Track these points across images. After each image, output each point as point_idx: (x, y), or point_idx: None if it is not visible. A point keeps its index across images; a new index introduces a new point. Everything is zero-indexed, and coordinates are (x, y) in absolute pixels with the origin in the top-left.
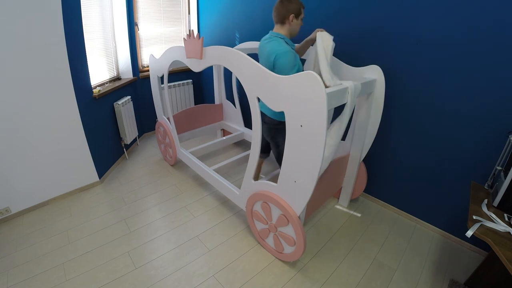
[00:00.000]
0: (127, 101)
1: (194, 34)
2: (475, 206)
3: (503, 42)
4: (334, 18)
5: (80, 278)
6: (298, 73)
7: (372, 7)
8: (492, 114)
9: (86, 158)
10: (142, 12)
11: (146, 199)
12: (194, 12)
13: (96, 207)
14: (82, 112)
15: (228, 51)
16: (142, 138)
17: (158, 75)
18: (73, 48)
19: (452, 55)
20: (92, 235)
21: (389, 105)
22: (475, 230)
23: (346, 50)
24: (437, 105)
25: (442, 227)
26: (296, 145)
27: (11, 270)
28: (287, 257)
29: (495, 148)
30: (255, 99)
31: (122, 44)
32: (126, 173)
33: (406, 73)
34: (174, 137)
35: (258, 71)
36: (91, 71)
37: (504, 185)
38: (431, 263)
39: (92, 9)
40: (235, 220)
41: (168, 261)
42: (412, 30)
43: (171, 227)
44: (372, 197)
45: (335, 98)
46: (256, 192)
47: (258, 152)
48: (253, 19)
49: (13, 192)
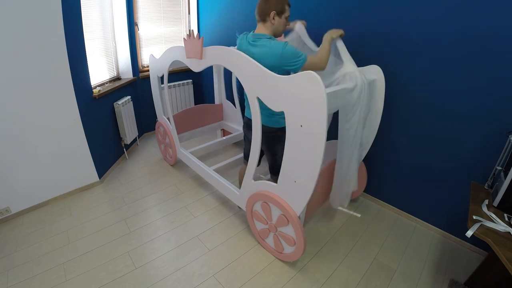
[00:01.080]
0: (127, 101)
1: (194, 34)
2: (475, 206)
3: (503, 42)
4: (335, 18)
5: (80, 278)
6: (298, 73)
7: (372, 7)
8: (492, 114)
9: (86, 158)
10: (142, 12)
11: (146, 199)
12: (194, 12)
13: (96, 207)
14: (82, 112)
15: (228, 51)
16: (142, 138)
17: (158, 75)
18: (73, 48)
19: (452, 55)
20: (92, 235)
21: (389, 105)
22: (475, 230)
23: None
24: (437, 105)
25: (442, 227)
26: (296, 145)
27: (11, 270)
28: (287, 257)
29: (495, 148)
30: (255, 99)
31: (122, 44)
32: (126, 173)
33: (406, 73)
34: (174, 137)
35: (258, 71)
36: (91, 71)
37: (504, 185)
38: (431, 263)
39: (92, 9)
40: (235, 220)
41: (168, 261)
42: (412, 30)
43: (171, 227)
44: (372, 197)
45: (335, 98)
46: (256, 192)
47: (258, 152)
48: (253, 19)
49: (13, 192)
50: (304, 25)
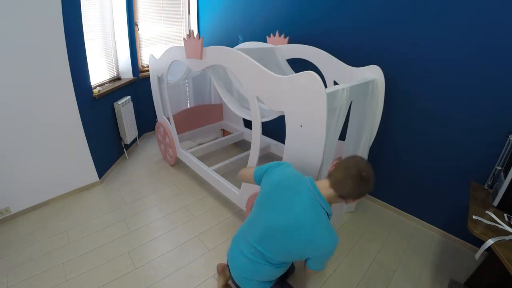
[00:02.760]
0: (127, 101)
1: (194, 34)
2: (475, 206)
3: (503, 42)
4: (336, 18)
5: (80, 278)
6: (298, 73)
7: (372, 8)
8: (492, 114)
9: (86, 158)
10: (142, 12)
11: (146, 199)
12: (194, 12)
13: (96, 207)
14: (82, 112)
15: (228, 51)
16: (142, 138)
17: (158, 75)
18: (73, 48)
19: (452, 56)
20: (92, 235)
21: (389, 105)
22: (475, 230)
23: (346, 50)
24: (437, 105)
25: (442, 227)
26: (296, 145)
27: (11, 270)
28: None
29: (495, 148)
30: (255, 99)
31: (122, 44)
32: (126, 173)
33: (405, 73)
34: (174, 137)
35: (258, 71)
36: (91, 71)
37: (504, 185)
38: (431, 263)
39: (92, 9)
40: (235, 220)
41: (168, 261)
42: (411, 30)
43: (171, 227)
44: (372, 197)
45: (335, 98)
46: (256, 192)
47: (258, 152)
48: (253, 20)
49: (13, 192)
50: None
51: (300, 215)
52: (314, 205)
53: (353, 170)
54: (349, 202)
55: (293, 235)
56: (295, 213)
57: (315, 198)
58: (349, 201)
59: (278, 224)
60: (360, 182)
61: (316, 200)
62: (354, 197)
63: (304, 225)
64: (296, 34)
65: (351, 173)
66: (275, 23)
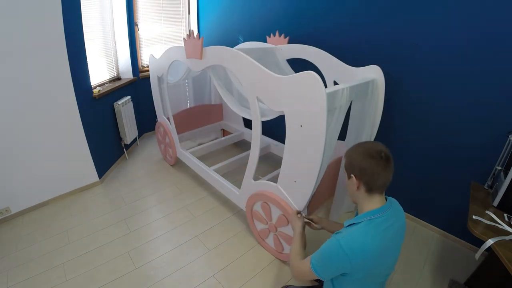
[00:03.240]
0: (127, 101)
1: (194, 34)
2: (475, 206)
3: (502, 42)
4: (336, 18)
5: (80, 278)
6: (298, 73)
7: (372, 8)
8: (491, 114)
9: (86, 158)
10: (142, 12)
11: (146, 199)
12: (194, 12)
13: (96, 207)
14: (82, 112)
15: (228, 51)
16: (142, 138)
17: (158, 75)
18: (73, 48)
19: (452, 56)
20: (92, 235)
21: (389, 105)
22: (475, 230)
23: (346, 51)
24: (437, 105)
25: (442, 227)
26: (296, 145)
27: (11, 270)
28: (287, 257)
29: (495, 148)
30: (255, 99)
31: (122, 44)
32: (126, 173)
33: (405, 73)
34: (174, 137)
35: (258, 71)
36: (91, 71)
37: (504, 185)
38: (431, 263)
39: (92, 9)
40: (235, 220)
41: (168, 261)
42: (411, 30)
43: (171, 227)
44: None
45: (335, 98)
46: (256, 192)
47: (258, 152)
48: (253, 20)
49: (13, 192)
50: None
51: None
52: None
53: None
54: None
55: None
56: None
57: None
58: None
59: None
60: (385, 164)
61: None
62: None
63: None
64: (296, 34)
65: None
66: (275, 23)
